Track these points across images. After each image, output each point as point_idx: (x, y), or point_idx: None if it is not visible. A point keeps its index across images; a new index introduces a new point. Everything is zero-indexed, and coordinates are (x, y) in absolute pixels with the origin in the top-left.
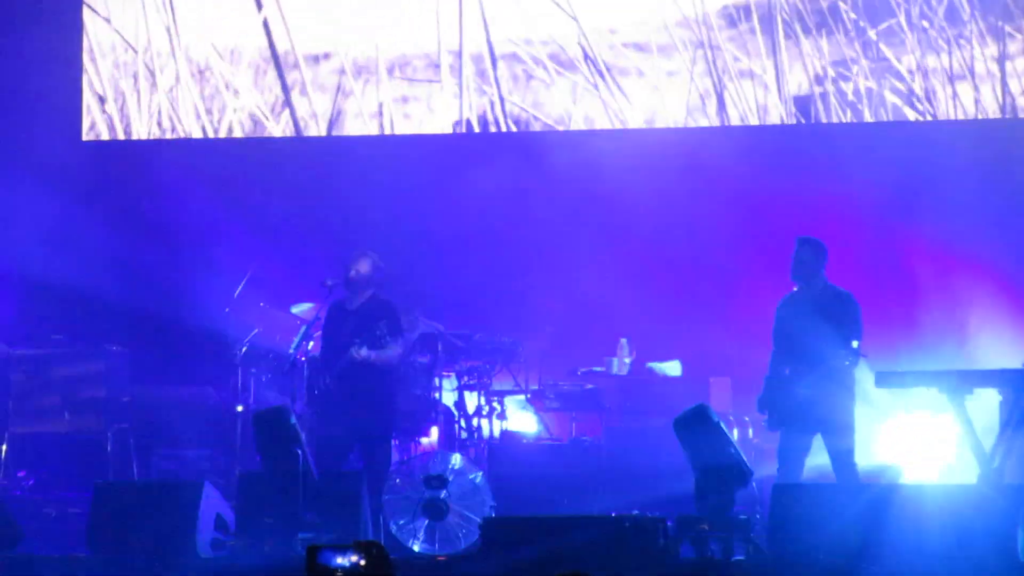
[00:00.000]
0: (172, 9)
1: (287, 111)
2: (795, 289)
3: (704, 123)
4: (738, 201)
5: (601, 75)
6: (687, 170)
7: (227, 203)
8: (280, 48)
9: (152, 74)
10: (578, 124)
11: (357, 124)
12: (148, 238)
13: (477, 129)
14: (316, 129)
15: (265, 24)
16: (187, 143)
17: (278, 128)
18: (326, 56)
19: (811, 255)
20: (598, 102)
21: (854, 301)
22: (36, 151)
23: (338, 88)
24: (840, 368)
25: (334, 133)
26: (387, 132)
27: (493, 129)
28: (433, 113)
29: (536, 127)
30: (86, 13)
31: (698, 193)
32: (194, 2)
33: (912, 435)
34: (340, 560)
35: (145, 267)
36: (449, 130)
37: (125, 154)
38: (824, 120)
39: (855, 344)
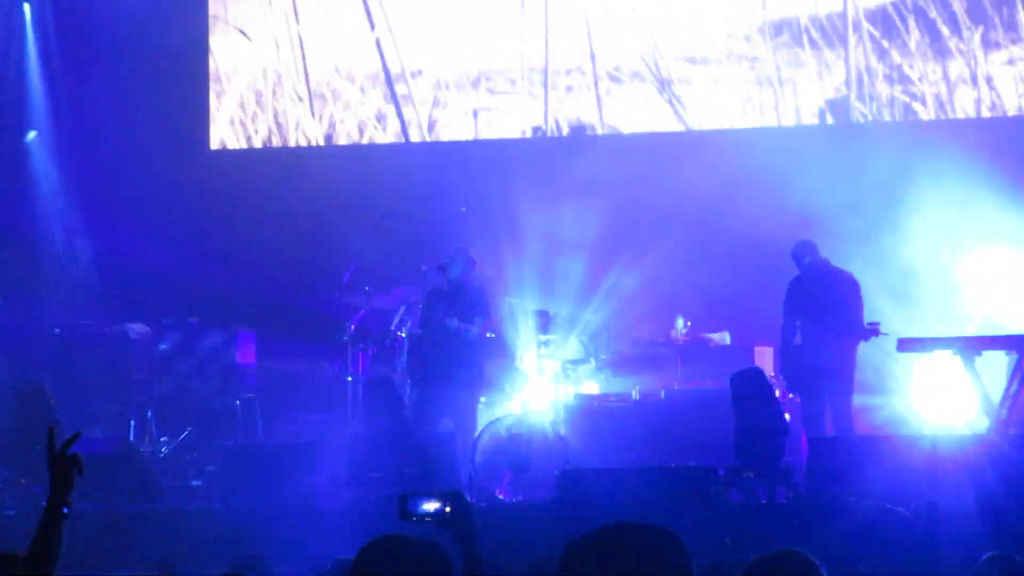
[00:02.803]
0: (296, 20)
1: (390, 121)
2: (799, 273)
3: (754, 124)
4: (781, 193)
5: (663, 85)
6: (736, 167)
7: (337, 203)
8: (388, 64)
9: (270, 89)
10: (643, 127)
11: (450, 131)
12: (271, 234)
13: (565, 131)
14: (416, 135)
15: (377, 43)
16: (302, 151)
17: (381, 136)
18: (421, 72)
19: (806, 254)
20: (659, 108)
21: (855, 280)
22: (173, 161)
23: (435, 100)
24: (851, 340)
25: (429, 139)
26: (474, 137)
27: (568, 133)
28: (514, 120)
29: (602, 131)
30: (213, 35)
31: (747, 187)
32: (313, 24)
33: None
34: (427, 506)
35: (269, 259)
36: (529, 134)
37: (249, 161)
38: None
39: (860, 321)
